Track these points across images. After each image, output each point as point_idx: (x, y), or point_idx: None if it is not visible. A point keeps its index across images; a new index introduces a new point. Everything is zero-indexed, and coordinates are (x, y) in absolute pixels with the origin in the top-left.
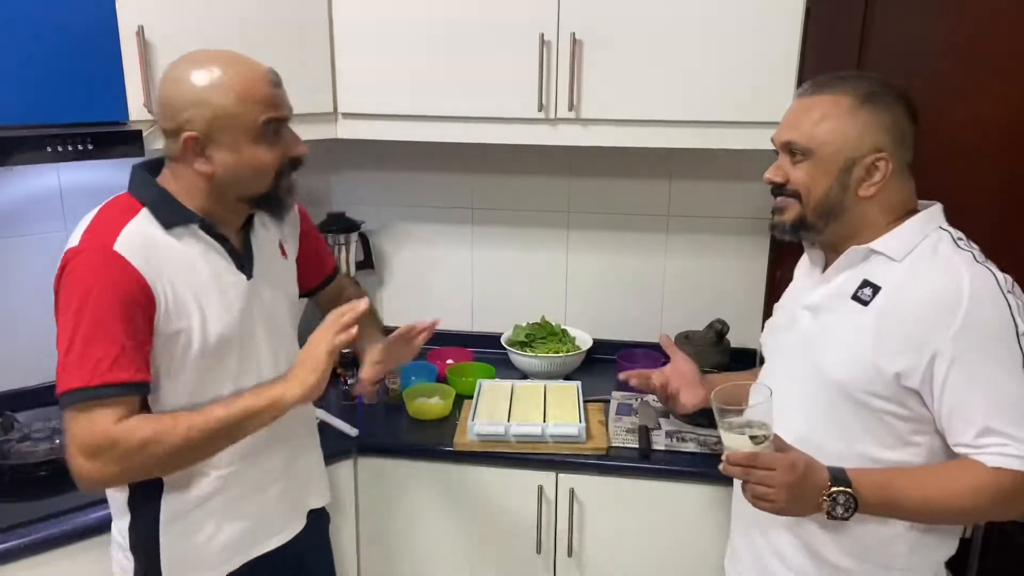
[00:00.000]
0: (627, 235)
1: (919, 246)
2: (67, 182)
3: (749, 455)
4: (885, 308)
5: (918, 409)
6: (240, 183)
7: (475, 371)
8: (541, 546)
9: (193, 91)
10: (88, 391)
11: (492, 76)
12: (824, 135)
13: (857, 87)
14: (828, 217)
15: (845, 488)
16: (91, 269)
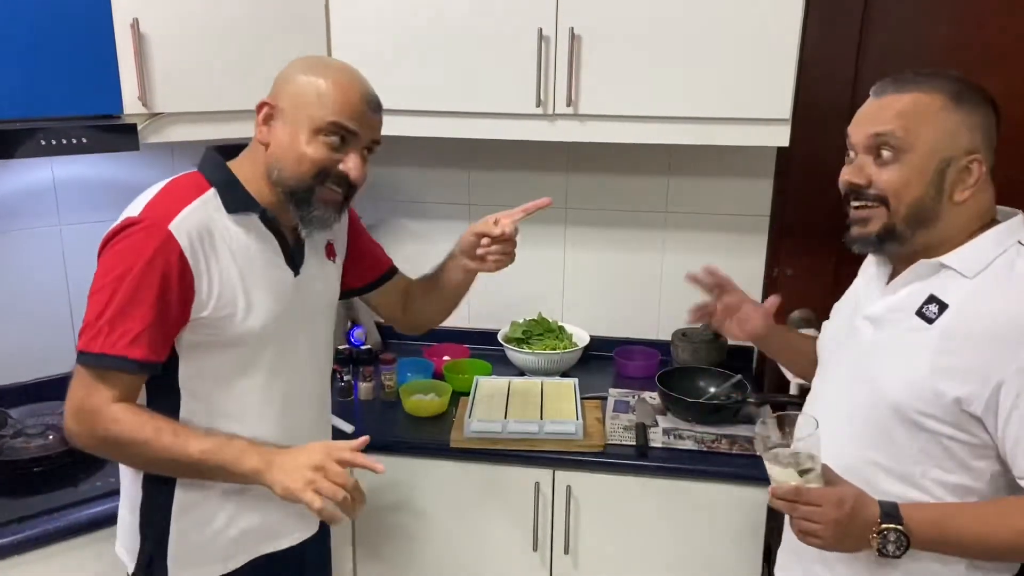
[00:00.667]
0: (625, 231)
1: (995, 262)
2: (61, 176)
3: (794, 489)
4: (950, 328)
5: (980, 435)
6: (282, 167)
7: (472, 368)
8: (537, 543)
9: (300, 73)
10: (104, 358)
11: (490, 71)
12: (916, 135)
13: (945, 85)
14: (919, 225)
15: (896, 525)
16: (142, 242)
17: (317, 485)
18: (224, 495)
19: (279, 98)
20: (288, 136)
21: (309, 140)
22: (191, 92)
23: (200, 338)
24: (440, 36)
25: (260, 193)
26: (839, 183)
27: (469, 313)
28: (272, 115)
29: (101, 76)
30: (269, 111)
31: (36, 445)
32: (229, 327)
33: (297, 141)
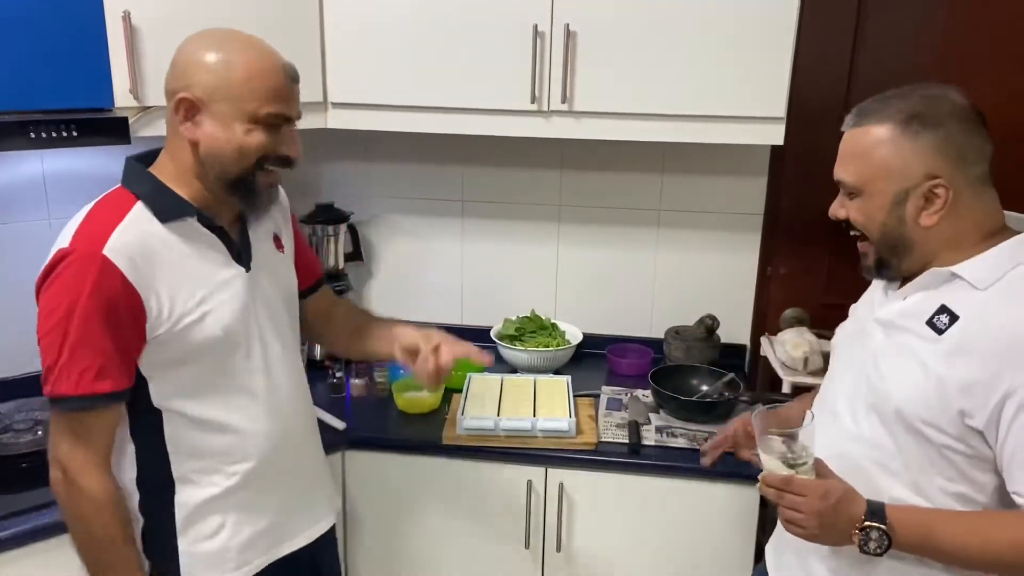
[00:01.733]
0: (618, 229)
1: (1007, 274)
2: (50, 169)
3: (783, 478)
4: (960, 341)
5: (981, 448)
6: (221, 161)
7: (464, 365)
8: (530, 541)
9: (205, 57)
10: (74, 400)
11: (485, 67)
12: (868, 171)
13: (897, 114)
14: (897, 252)
15: (879, 524)
16: (80, 274)
17: None
18: (223, 503)
19: (195, 90)
20: (222, 130)
21: (249, 131)
22: None
23: (166, 355)
24: (434, 32)
25: (191, 193)
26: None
27: (462, 310)
28: (194, 110)
29: (92, 69)
30: (189, 106)
31: (25, 440)
32: (191, 338)
33: (234, 133)
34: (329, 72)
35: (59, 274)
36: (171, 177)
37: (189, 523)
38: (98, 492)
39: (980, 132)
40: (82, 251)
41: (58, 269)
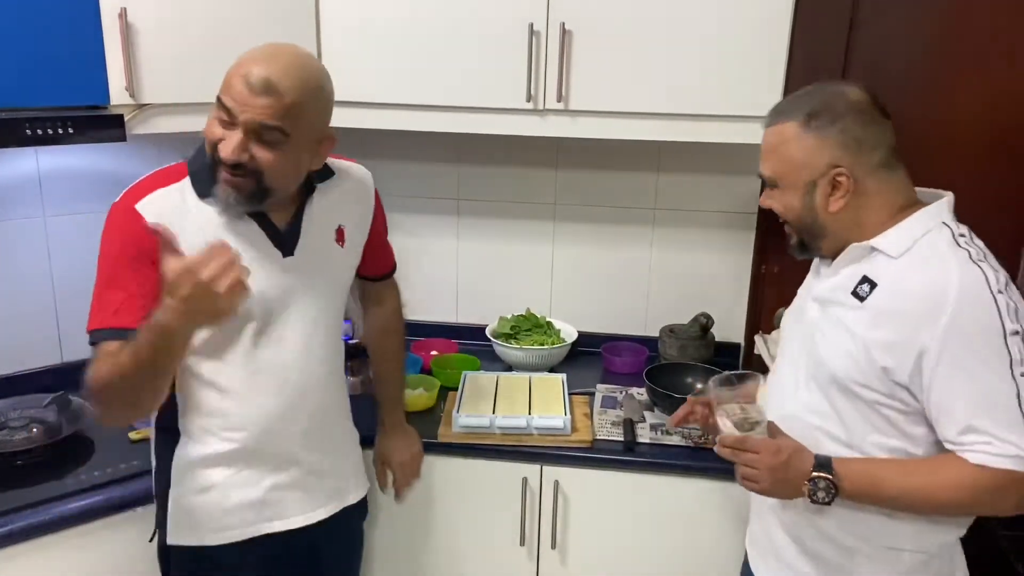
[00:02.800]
0: (613, 228)
1: (919, 242)
2: (46, 166)
3: (738, 438)
4: (879, 305)
5: (910, 402)
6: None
7: (460, 363)
8: (525, 538)
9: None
10: (95, 333)
11: (481, 65)
12: (780, 165)
13: (799, 112)
14: (814, 236)
15: (827, 475)
16: (114, 224)
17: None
18: (216, 464)
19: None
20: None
21: (210, 116)
22: (178, 83)
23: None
24: (430, 31)
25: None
26: None
27: (457, 308)
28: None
29: (88, 66)
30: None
31: (20, 438)
32: None
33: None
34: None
35: (105, 226)
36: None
37: (181, 475)
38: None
39: (877, 122)
40: (120, 205)
41: (105, 222)
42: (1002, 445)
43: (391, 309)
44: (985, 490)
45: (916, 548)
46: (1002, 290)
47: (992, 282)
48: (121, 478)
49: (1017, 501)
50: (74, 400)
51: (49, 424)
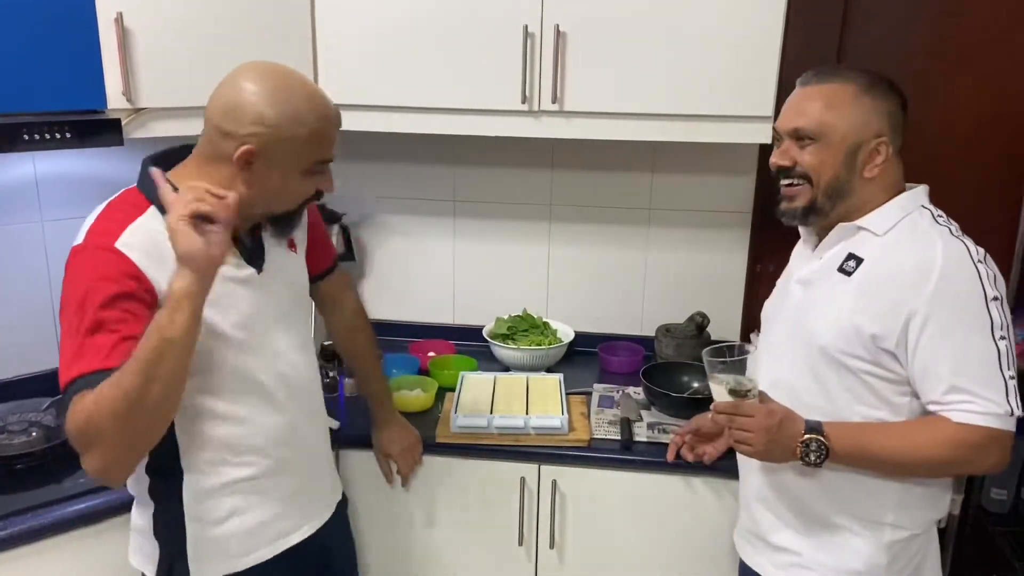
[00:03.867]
0: (609, 228)
1: (901, 222)
2: (43, 171)
3: (732, 403)
4: (865, 277)
5: (896, 369)
6: (270, 202)
7: (457, 363)
8: (523, 538)
9: (267, 108)
10: (81, 380)
11: (476, 67)
12: (832, 119)
13: (858, 77)
14: (836, 198)
15: (818, 436)
16: (92, 266)
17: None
18: (231, 491)
19: (257, 141)
20: (280, 179)
21: (302, 180)
22: (175, 87)
23: None
24: (425, 33)
25: None
26: (769, 165)
27: (454, 309)
28: (254, 159)
29: (85, 71)
30: (249, 155)
31: (19, 442)
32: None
33: (289, 182)
34: (320, 74)
35: (72, 268)
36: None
37: (196, 510)
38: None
39: (905, 112)
40: (95, 244)
41: (72, 264)
42: (984, 403)
43: (351, 309)
44: (967, 447)
45: (898, 523)
46: (982, 260)
47: (973, 253)
48: None
49: (998, 458)
50: None
51: (48, 428)
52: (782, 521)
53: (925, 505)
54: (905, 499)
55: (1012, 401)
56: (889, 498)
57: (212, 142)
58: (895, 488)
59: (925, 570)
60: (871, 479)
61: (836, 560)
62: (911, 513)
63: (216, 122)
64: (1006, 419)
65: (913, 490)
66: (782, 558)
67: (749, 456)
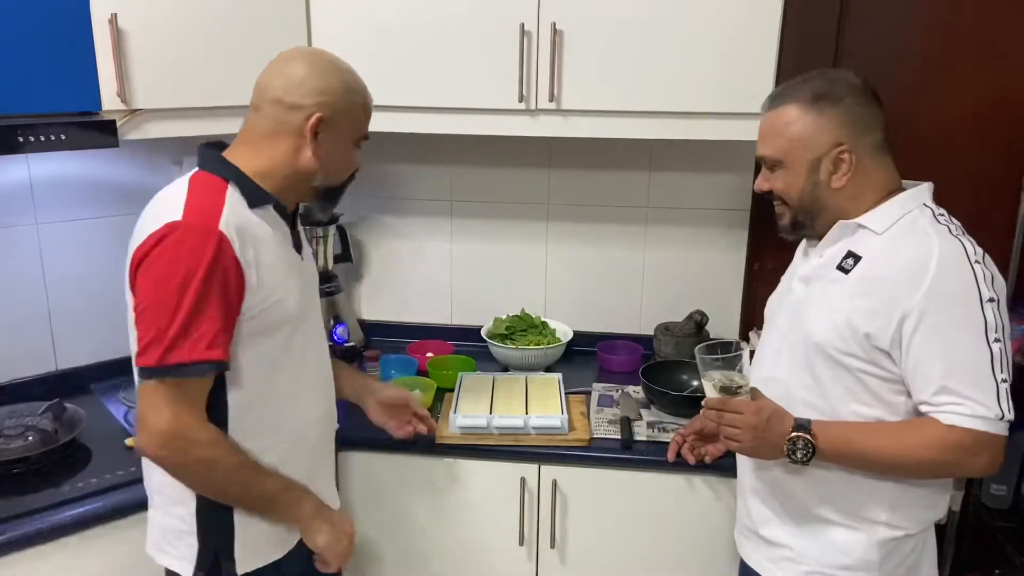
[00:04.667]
0: (607, 227)
1: (900, 220)
2: (37, 173)
3: (721, 400)
4: (862, 274)
5: (890, 368)
6: (329, 173)
7: (455, 364)
8: (524, 538)
9: (337, 81)
10: (184, 368)
11: (472, 66)
12: (786, 144)
13: (805, 92)
14: (812, 213)
15: (805, 434)
16: (196, 245)
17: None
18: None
19: (328, 111)
20: (340, 148)
21: (353, 152)
22: (170, 88)
23: (246, 330)
24: (421, 33)
25: (270, 184)
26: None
27: (452, 310)
28: (322, 128)
29: (79, 72)
30: (320, 125)
31: (16, 446)
32: (271, 315)
33: (348, 151)
34: None
35: (171, 244)
36: (254, 170)
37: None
38: (212, 434)
39: (873, 104)
40: (198, 224)
41: (170, 240)
42: (973, 406)
43: None
44: (956, 449)
45: (892, 522)
46: (979, 260)
47: (971, 253)
48: (118, 485)
49: (988, 461)
50: (69, 408)
51: (45, 432)
52: (774, 515)
53: (922, 504)
54: (901, 498)
55: (1003, 405)
56: (884, 497)
57: (273, 118)
58: (890, 487)
59: (921, 570)
60: (865, 478)
61: (827, 555)
62: (907, 512)
63: (278, 97)
64: (996, 423)
65: (909, 489)
66: (774, 552)
67: (737, 452)
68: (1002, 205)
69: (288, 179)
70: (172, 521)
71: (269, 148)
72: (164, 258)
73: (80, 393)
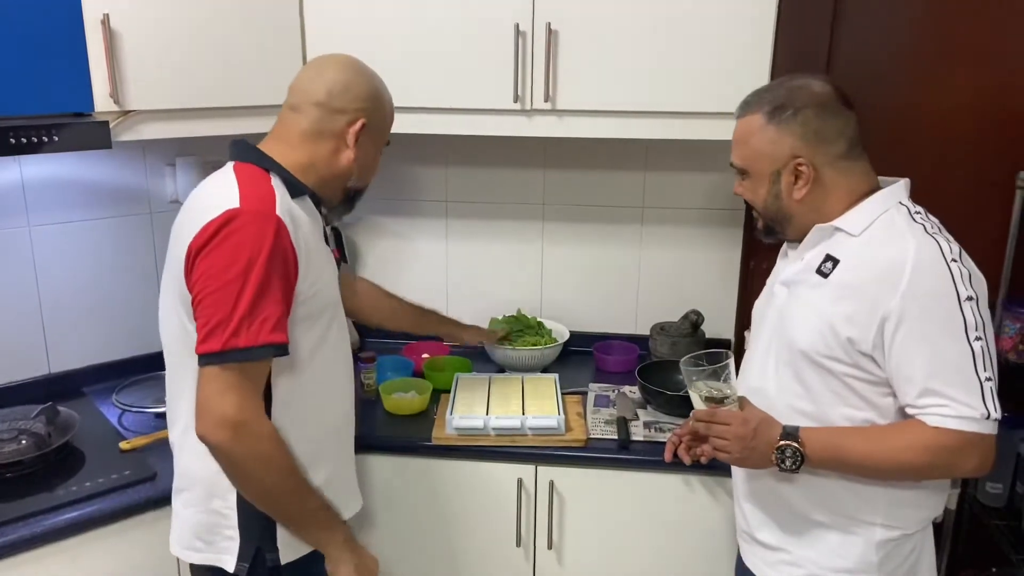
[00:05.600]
0: (602, 227)
1: (876, 220)
2: (29, 175)
3: (709, 411)
4: (841, 279)
5: (875, 371)
6: (363, 175)
7: (451, 365)
8: (521, 539)
9: (375, 89)
10: (252, 351)
11: (467, 67)
12: (748, 155)
13: (764, 105)
14: (781, 222)
15: (792, 443)
16: (258, 230)
17: None
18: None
19: (368, 116)
20: (372, 154)
21: (378, 155)
22: (163, 89)
23: (297, 315)
24: (416, 33)
25: (307, 178)
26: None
27: (448, 310)
28: (362, 133)
29: (71, 73)
30: (362, 128)
31: (9, 450)
32: (318, 301)
33: (376, 155)
34: None
35: (233, 231)
36: (291, 164)
37: None
38: (272, 429)
39: (839, 115)
40: (257, 209)
41: (231, 226)
42: (958, 407)
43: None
44: (944, 451)
45: (888, 523)
46: (956, 259)
47: (946, 252)
48: (112, 488)
49: (978, 461)
50: (62, 411)
51: (38, 436)
52: (769, 519)
53: (918, 504)
54: (896, 499)
55: (989, 403)
56: (879, 498)
57: (315, 119)
58: (885, 489)
59: (920, 570)
60: (858, 481)
61: (825, 558)
62: (903, 512)
63: (321, 101)
64: (982, 422)
65: (904, 490)
66: (772, 555)
67: (727, 462)
68: (998, 203)
69: (323, 179)
70: (208, 516)
71: (308, 147)
72: (227, 244)
73: (73, 396)
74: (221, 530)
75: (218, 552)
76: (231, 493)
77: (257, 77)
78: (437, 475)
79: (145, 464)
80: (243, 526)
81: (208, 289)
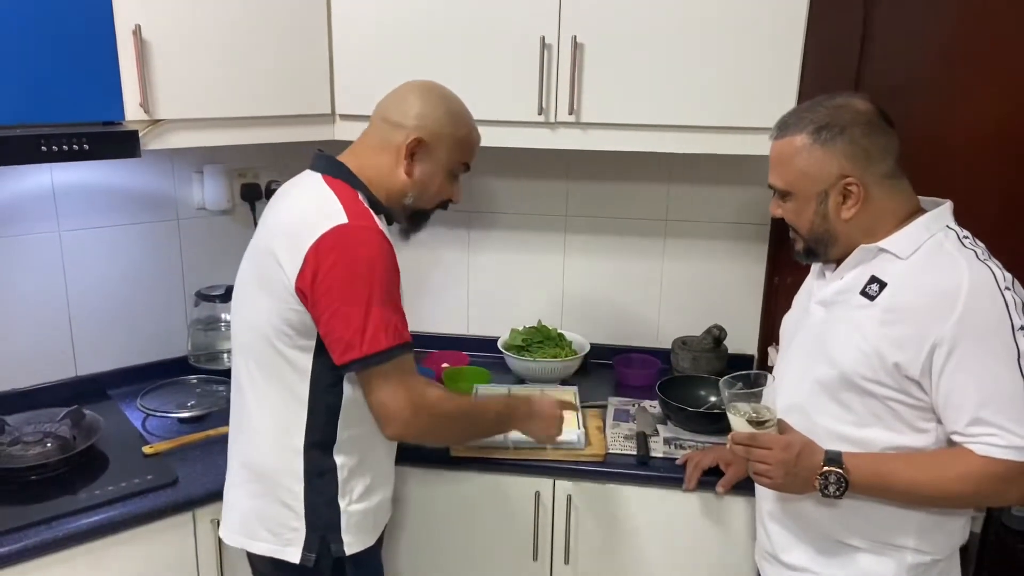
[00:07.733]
0: (625, 239)
1: (925, 244)
2: (60, 181)
3: (749, 435)
4: (889, 302)
5: (920, 396)
6: (421, 195)
7: (471, 375)
8: (538, 553)
9: (438, 107)
10: (397, 348)
11: (492, 79)
12: (792, 176)
13: (808, 125)
14: (824, 243)
15: (837, 468)
16: (371, 242)
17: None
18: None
19: (426, 135)
20: (431, 174)
21: (448, 180)
22: (193, 99)
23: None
24: (442, 45)
25: (380, 195)
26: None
27: (468, 321)
28: (418, 150)
29: (103, 83)
30: (418, 145)
31: (34, 453)
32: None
33: (439, 179)
34: (337, 84)
35: (351, 243)
36: (368, 180)
37: (347, 485)
38: (439, 391)
39: (884, 132)
40: (366, 225)
41: (349, 239)
42: (1008, 436)
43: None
44: (991, 481)
45: (920, 548)
46: (1009, 287)
47: (1000, 279)
48: (135, 492)
49: (1022, 491)
50: (88, 414)
51: (63, 439)
52: (796, 540)
53: (949, 530)
54: (927, 524)
55: None
56: (911, 523)
57: (381, 132)
58: (917, 513)
59: None
60: (891, 504)
61: None
62: (934, 538)
63: (385, 115)
64: None
65: (936, 515)
66: None
67: (768, 488)
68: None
69: (384, 192)
70: (274, 508)
71: (374, 159)
72: (348, 257)
73: (99, 399)
74: (287, 521)
75: (283, 544)
76: (298, 485)
77: (284, 88)
78: (455, 488)
79: (168, 469)
80: (309, 518)
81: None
